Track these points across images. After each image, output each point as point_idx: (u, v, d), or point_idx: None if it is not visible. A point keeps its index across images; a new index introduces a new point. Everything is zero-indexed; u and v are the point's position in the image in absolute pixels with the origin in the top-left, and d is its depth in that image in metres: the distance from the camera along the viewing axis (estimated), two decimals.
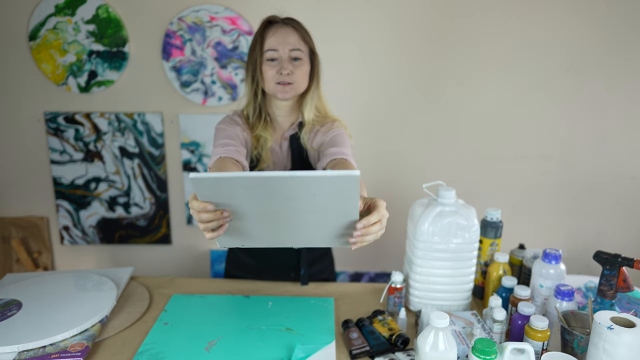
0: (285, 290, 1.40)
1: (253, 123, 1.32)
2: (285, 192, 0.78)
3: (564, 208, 2.28)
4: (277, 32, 1.25)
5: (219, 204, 0.82)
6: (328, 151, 1.23)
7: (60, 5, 2.05)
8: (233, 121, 1.32)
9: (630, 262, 1.09)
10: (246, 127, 1.32)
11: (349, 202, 0.80)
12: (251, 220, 0.85)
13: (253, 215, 0.84)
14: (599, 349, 0.91)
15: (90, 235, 2.33)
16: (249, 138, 1.31)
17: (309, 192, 0.78)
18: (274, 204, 0.81)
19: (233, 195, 0.80)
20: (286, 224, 0.87)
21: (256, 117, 1.32)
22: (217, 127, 1.31)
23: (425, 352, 0.90)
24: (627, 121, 2.17)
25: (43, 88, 2.16)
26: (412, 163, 2.25)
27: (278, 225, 0.87)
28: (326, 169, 1.20)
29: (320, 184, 0.76)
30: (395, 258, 2.21)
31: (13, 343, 1.06)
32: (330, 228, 0.87)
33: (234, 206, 0.82)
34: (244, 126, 1.32)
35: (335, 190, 0.78)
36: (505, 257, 1.27)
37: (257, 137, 1.31)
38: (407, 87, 2.15)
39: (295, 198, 0.79)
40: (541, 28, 2.06)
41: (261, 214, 0.84)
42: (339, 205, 0.81)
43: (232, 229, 0.88)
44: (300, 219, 0.84)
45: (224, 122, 1.31)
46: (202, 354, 1.10)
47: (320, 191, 0.77)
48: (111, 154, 2.23)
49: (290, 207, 0.82)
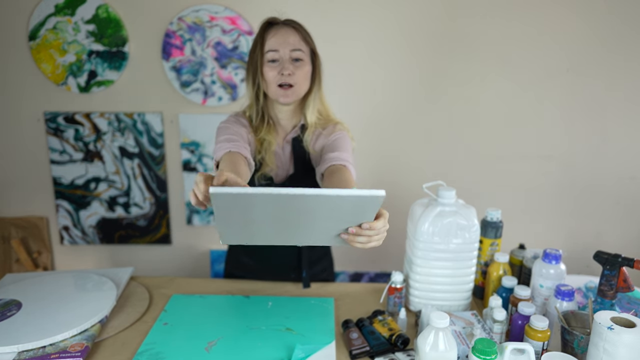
0: (285, 290, 1.40)
1: (257, 126, 1.31)
2: (305, 206, 0.78)
3: (564, 208, 2.28)
4: (278, 32, 1.24)
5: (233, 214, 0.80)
6: (327, 156, 1.23)
7: (60, 5, 2.05)
8: (239, 122, 1.30)
9: (631, 262, 1.09)
10: (251, 130, 1.31)
11: (366, 216, 0.82)
12: (261, 224, 0.85)
13: (266, 221, 0.83)
14: (599, 349, 0.91)
15: (90, 235, 2.33)
16: (253, 140, 1.30)
17: (329, 207, 0.78)
18: (289, 215, 0.81)
19: (250, 208, 0.79)
20: (295, 228, 0.86)
21: (259, 121, 1.31)
22: (221, 125, 1.28)
23: (426, 352, 0.90)
24: (627, 121, 2.17)
25: (43, 88, 2.16)
26: (412, 163, 2.24)
27: (286, 228, 0.87)
28: (324, 174, 1.21)
29: (343, 202, 0.77)
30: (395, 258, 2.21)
31: (13, 343, 1.06)
32: (337, 231, 0.87)
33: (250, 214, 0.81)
34: (249, 128, 1.31)
35: (357, 207, 0.79)
36: (506, 257, 1.27)
37: (261, 140, 1.30)
38: (407, 88, 2.15)
39: (314, 211, 0.79)
40: (541, 28, 2.06)
41: (275, 220, 0.83)
42: (357, 217, 0.83)
43: (239, 230, 0.87)
44: (312, 225, 0.85)
45: (229, 122, 1.29)
46: (202, 354, 1.10)
47: (341, 206, 0.78)
48: (111, 154, 2.23)
49: (305, 218, 0.82)
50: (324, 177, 1.21)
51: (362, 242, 0.88)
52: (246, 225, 0.84)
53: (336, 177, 1.13)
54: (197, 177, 0.85)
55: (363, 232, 0.86)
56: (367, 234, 0.86)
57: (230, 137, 1.21)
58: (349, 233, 0.86)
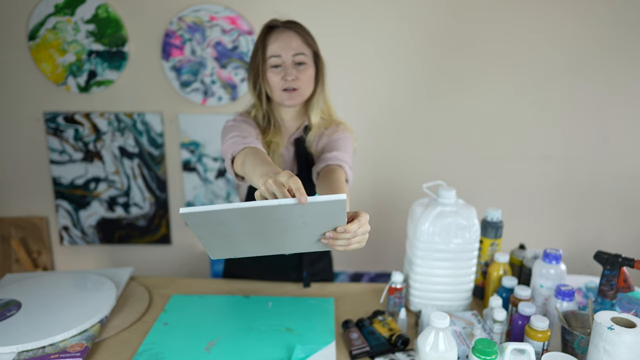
0: (285, 290, 1.40)
1: (264, 128, 1.31)
2: (275, 216, 0.80)
3: (564, 208, 2.28)
4: (280, 37, 1.24)
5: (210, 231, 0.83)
6: (325, 156, 1.23)
7: (59, 5, 2.05)
8: (247, 122, 1.29)
9: (631, 262, 1.09)
10: (259, 132, 1.30)
11: (337, 220, 0.84)
12: (242, 237, 0.87)
13: (244, 234, 0.85)
14: (600, 349, 0.91)
15: (89, 235, 2.33)
16: (261, 142, 1.29)
17: (298, 215, 0.80)
18: (264, 225, 0.83)
19: (223, 224, 0.81)
20: (276, 238, 0.88)
21: (266, 123, 1.31)
22: (229, 124, 1.26)
23: (426, 353, 0.90)
24: (628, 122, 2.17)
25: (42, 88, 2.16)
26: (412, 163, 2.24)
27: (268, 239, 0.88)
28: (319, 173, 1.21)
29: (308, 209, 0.78)
30: (395, 258, 2.21)
31: (12, 343, 1.05)
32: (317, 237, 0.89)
33: (226, 229, 0.83)
34: (258, 130, 1.30)
35: (323, 213, 0.81)
36: (506, 257, 1.27)
37: (269, 142, 1.30)
38: (407, 88, 2.15)
39: (285, 220, 0.81)
40: (541, 29, 2.06)
41: (252, 232, 0.85)
42: (328, 222, 0.84)
43: (223, 244, 0.89)
44: (290, 233, 0.86)
45: (237, 120, 1.28)
46: (202, 354, 1.10)
47: (309, 214, 0.80)
48: (111, 154, 2.23)
49: (280, 226, 0.83)
50: (319, 176, 1.21)
51: (342, 245, 0.88)
52: (227, 239, 0.87)
53: (329, 177, 1.13)
54: (287, 179, 0.80)
55: (339, 236, 0.86)
56: (344, 237, 0.86)
57: (242, 133, 1.19)
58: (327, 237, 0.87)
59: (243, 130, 1.22)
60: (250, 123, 1.29)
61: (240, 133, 1.18)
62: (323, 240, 0.88)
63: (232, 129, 1.22)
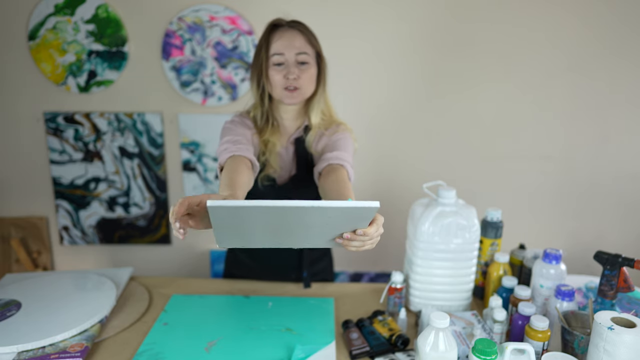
0: (285, 290, 1.40)
1: (261, 127, 1.31)
2: (300, 217, 0.80)
3: (564, 208, 2.28)
4: (283, 35, 1.24)
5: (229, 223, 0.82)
6: (326, 155, 1.23)
7: (59, 5, 2.05)
8: (243, 123, 1.30)
9: (631, 262, 1.09)
10: (255, 131, 1.31)
11: (360, 224, 0.84)
12: (256, 230, 0.86)
13: (260, 227, 0.85)
14: (600, 349, 0.91)
15: (89, 235, 2.33)
16: (257, 142, 1.30)
17: (324, 218, 0.80)
18: (285, 224, 0.83)
19: (245, 219, 0.81)
20: (291, 234, 0.88)
21: (264, 122, 1.31)
22: (226, 125, 1.28)
23: (426, 353, 0.90)
24: (628, 121, 2.17)
25: (42, 88, 2.16)
26: (412, 163, 2.24)
27: (282, 234, 0.88)
28: (321, 173, 1.21)
29: (338, 213, 0.78)
30: (395, 258, 2.21)
31: (12, 343, 1.05)
32: (332, 237, 0.89)
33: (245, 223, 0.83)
34: (254, 130, 1.31)
35: (352, 216, 0.81)
36: (506, 257, 1.27)
37: (266, 141, 1.30)
38: (407, 88, 2.15)
39: (309, 221, 0.81)
40: (541, 28, 2.06)
41: (269, 227, 0.85)
42: (351, 225, 0.85)
43: (235, 235, 0.88)
44: (308, 231, 0.86)
45: (234, 122, 1.29)
46: (202, 354, 1.10)
47: (337, 216, 0.80)
48: (111, 154, 2.23)
49: (301, 225, 0.83)
50: (321, 175, 1.21)
51: (356, 246, 0.90)
52: (242, 232, 0.87)
53: (332, 177, 1.13)
54: (173, 216, 0.83)
55: (357, 238, 0.87)
56: (360, 240, 0.88)
57: (234, 138, 1.21)
58: (344, 238, 0.88)
59: (237, 134, 1.23)
60: (247, 124, 1.30)
61: (232, 138, 1.21)
62: (338, 239, 0.89)
63: (227, 132, 1.24)
